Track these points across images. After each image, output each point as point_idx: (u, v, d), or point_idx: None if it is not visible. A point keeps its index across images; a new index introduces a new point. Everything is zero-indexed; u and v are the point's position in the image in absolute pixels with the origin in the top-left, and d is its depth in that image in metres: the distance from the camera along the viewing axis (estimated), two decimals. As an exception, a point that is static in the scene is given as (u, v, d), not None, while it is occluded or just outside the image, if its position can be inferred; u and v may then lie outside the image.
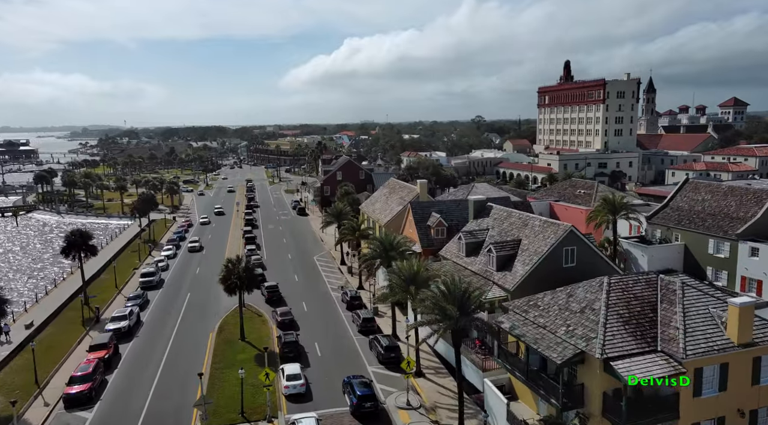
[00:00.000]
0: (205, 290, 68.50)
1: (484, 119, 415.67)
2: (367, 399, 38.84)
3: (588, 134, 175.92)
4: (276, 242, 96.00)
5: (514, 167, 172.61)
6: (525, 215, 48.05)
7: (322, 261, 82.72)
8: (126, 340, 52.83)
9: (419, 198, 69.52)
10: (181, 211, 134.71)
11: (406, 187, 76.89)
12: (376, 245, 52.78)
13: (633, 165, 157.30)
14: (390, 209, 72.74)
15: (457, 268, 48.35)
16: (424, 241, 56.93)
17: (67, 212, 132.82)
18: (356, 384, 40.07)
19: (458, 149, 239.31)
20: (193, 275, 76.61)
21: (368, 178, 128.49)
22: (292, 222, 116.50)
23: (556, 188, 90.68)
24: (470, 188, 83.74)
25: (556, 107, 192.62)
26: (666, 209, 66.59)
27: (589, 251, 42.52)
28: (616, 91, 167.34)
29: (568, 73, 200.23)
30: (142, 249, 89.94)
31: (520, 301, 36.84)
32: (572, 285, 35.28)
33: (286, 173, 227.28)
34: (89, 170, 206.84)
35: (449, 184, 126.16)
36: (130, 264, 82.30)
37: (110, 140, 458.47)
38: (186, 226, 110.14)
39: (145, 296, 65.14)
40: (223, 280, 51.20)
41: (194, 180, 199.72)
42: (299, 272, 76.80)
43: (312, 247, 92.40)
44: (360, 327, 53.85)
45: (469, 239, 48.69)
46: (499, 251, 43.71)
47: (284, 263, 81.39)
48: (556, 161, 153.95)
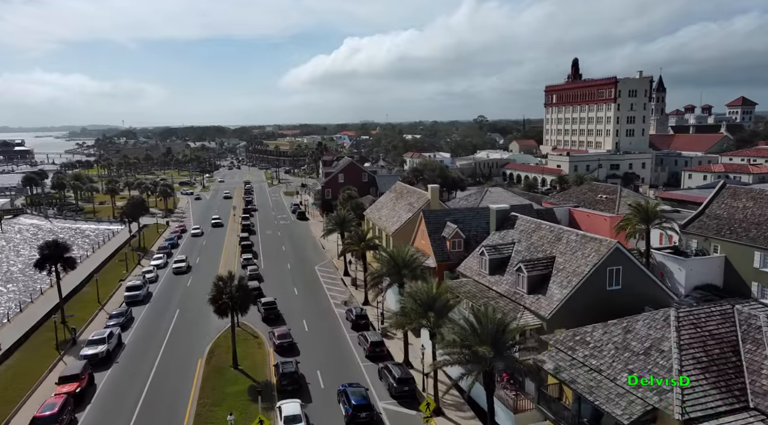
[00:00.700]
0: (195, 306, 62.34)
1: (486, 119, 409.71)
2: (363, 408, 36.70)
3: (598, 135, 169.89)
4: (274, 250, 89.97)
5: (521, 169, 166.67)
6: (557, 227, 42.05)
7: (323, 271, 76.71)
8: (103, 368, 46.78)
9: (430, 205, 63.52)
10: (175, 215, 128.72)
11: (414, 192, 70.86)
12: (386, 260, 46.75)
13: (646, 166, 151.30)
14: (398, 217, 66.72)
15: (480, 288, 42.37)
16: (439, 254, 50.91)
17: (56, 216, 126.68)
18: (351, 392, 38.03)
19: (462, 149, 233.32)
20: (184, 287, 70.53)
21: (371, 180, 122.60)
22: (292, 227, 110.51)
23: (575, 192, 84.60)
24: (483, 194, 77.85)
25: (564, 106, 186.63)
26: (702, 218, 60.57)
27: (636, 272, 36.53)
28: (628, 89, 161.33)
29: (576, 71, 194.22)
30: (131, 258, 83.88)
31: (564, 335, 30.83)
32: (629, 318, 29.27)
33: (285, 175, 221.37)
34: (81, 171, 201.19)
35: (456, 186, 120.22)
36: (117, 275, 76.25)
37: (107, 140, 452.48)
38: (179, 231, 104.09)
39: (129, 314, 59.06)
40: (213, 300, 45.14)
41: (190, 182, 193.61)
42: (299, 284, 70.78)
43: (312, 255, 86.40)
44: (368, 352, 47.80)
45: (494, 254, 42.68)
46: (531, 271, 37.69)
47: (283, 274, 75.36)
48: (566, 163, 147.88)
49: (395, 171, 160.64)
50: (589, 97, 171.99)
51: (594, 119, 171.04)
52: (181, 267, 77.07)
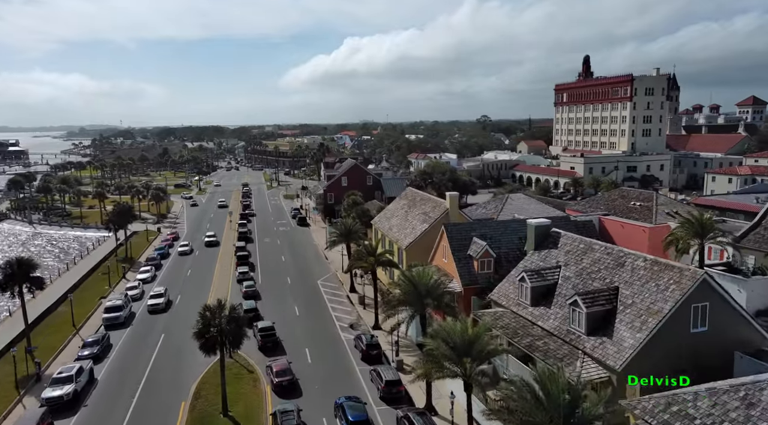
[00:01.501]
0: (183, 330, 54.77)
1: (489, 119, 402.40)
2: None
3: (612, 135, 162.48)
4: (273, 261, 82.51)
5: (531, 171, 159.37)
6: (615, 249, 34.62)
7: (327, 287, 69.27)
8: (68, 413, 39.34)
9: (449, 215, 56.15)
10: (168, 220, 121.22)
11: (429, 200, 63.43)
12: (405, 285, 39.28)
13: (665, 168, 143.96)
14: (412, 228, 59.26)
15: (520, 322, 34.96)
16: (465, 277, 43.50)
17: (41, 222, 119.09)
18: (348, 407, 35.99)
19: (467, 150, 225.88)
20: (173, 307, 63.09)
21: (377, 184, 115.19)
22: (292, 234, 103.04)
23: (602, 198, 77.09)
24: (503, 201, 70.39)
25: (575, 105, 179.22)
26: (758, 230, 53.31)
27: (727, 309, 29.17)
28: (645, 87, 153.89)
29: (587, 69, 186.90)
30: (116, 270, 76.34)
31: (653, 402, 23.36)
32: (747, 382, 21.83)
33: (285, 176, 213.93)
34: (72, 173, 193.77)
35: (467, 191, 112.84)
36: (98, 291, 68.76)
37: (104, 140, 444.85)
38: (171, 239, 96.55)
39: (106, 340, 51.60)
40: (198, 335, 37.68)
41: (186, 184, 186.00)
42: (300, 302, 63.32)
43: (315, 267, 78.95)
44: (382, 393, 40.34)
45: (537, 281, 35.29)
46: (591, 306, 30.27)
47: (282, 290, 67.88)
48: (580, 164, 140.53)
49: (401, 173, 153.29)
50: (603, 96, 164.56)
51: (608, 119, 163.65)
52: (158, 304, 60.82)
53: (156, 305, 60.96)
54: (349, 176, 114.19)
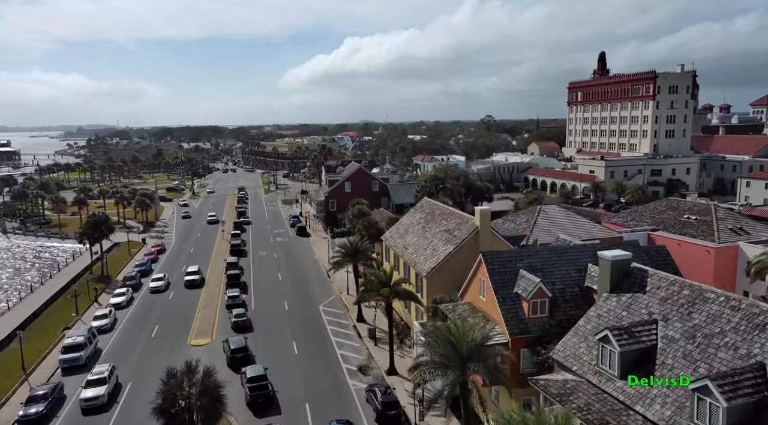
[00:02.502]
0: (156, 373, 45.05)
1: (493, 119, 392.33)
2: None
3: (633, 136, 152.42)
4: (269, 280, 72.53)
5: (546, 174, 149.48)
6: (743, 301, 24.56)
7: (330, 314, 59.32)
8: None
9: (478, 235, 46.20)
10: (156, 228, 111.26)
11: (451, 214, 53.36)
12: (441, 342, 29.19)
13: (691, 172, 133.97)
14: (433, 250, 49.23)
15: (605, 402, 24.97)
16: (513, 322, 33.45)
17: (15, 231, 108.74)
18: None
19: (474, 151, 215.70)
20: (146, 341, 53.13)
21: (383, 190, 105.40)
22: (291, 246, 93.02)
23: (647, 210, 67.06)
24: (535, 215, 60.59)
25: (591, 104, 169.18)
26: None
27: None
28: (668, 85, 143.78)
29: (603, 66, 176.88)
30: (87, 291, 66.30)
31: None
32: None
33: (284, 179, 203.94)
34: (59, 175, 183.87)
35: (482, 197, 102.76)
36: (63, 319, 58.85)
37: (99, 140, 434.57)
38: (155, 253, 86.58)
39: (58, 392, 41.61)
40: (159, 411, 27.69)
41: (179, 188, 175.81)
42: (299, 335, 53.35)
43: (316, 288, 68.99)
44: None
45: (628, 343, 25.27)
46: (733, 397, 20.24)
47: (278, 320, 57.88)
48: (601, 168, 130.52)
49: (407, 177, 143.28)
50: (622, 94, 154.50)
51: (627, 119, 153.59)
52: (96, 399, 39.69)
53: (92, 399, 39.58)
54: (353, 181, 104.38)
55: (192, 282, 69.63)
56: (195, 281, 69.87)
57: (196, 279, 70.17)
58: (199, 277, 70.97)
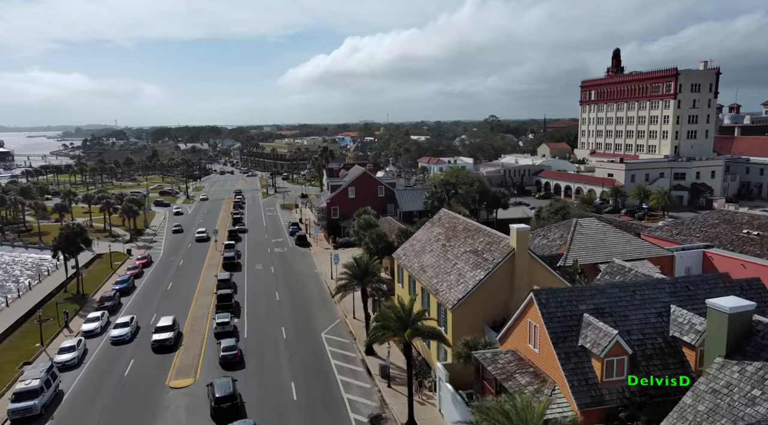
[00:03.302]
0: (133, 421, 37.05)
1: (498, 119, 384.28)
2: None
3: (651, 137, 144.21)
4: (265, 301, 64.40)
5: (559, 177, 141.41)
6: None
7: (335, 344, 51.23)
8: None
9: (515, 259, 38.16)
10: (145, 237, 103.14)
11: (478, 231, 45.21)
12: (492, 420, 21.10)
13: (716, 176, 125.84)
14: (458, 275, 41.11)
15: None
16: (582, 390, 25.27)
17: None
18: None
19: (481, 153, 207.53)
20: (118, 380, 45.03)
21: (389, 196, 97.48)
22: (290, 258, 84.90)
23: (696, 222, 58.91)
24: (571, 231, 52.43)
25: (606, 103, 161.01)
26: None
27: None
28: (690, 83, 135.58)
29: (617, 63, 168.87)
30: (57, 314, 58.16)
31: None
32: None
33: (283, 181, 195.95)
34: (47, 178, 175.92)
35: (497, 204, 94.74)
36: (25, 351, 50.72)
37: (95, 140, 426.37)
38: (140, 266, 78.50)
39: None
40: None
41: (173, 191, 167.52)
42: (299, 373, 45.23)
43: (318, 309, 60.88)
44: None
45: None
46: None
47: (275, 352, 49.69)
48: (621, 171, 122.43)
49: (414, 181, 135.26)
50: (640, 93, 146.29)
51: (646, 119, 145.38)
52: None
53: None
54: (357, 187, 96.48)
55: (161, 343, 49.91)
56: (166, 342, 50.08)
57: (168, 337, 50.31)
58: (170, 336, 50.59)
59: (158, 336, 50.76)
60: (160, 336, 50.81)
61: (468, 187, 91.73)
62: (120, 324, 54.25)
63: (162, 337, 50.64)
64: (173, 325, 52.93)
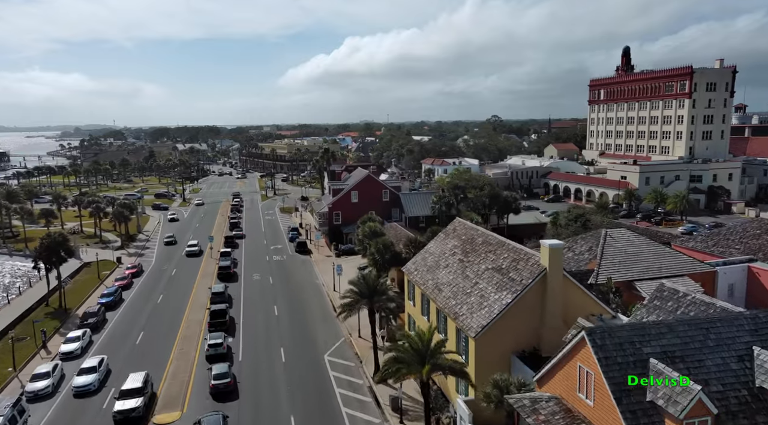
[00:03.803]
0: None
1: (500, 119, 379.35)
2: None
3: (665, 137, 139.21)
4: (262, 316, 59.34)
5: (569, 180, 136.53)
6: None
7: (339, 368, 46.22)
8: None
9: (547, 280, 33.15)
10: (137, 243, 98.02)
11: (501, 245, 40.13)
12: None
13: (733, 178, 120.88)
14: (480, 297, 36.06)
15: None
16: (654, 457, 20.22)
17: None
18: None
19: (485, 153, 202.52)
20: (97, 412, 39.92)
21: (394, 200, 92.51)
22: (290, 267, 79.88)
23: (733, 232, 53.86)
24: (601, 244, 47.38)
25: (616, 103, 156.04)
26: None
27: None
28: (706, 82, 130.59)
29: (627, 61, 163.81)
30: (34, 333, 53.12)
31: None
32: None
33: (282, 183, 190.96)
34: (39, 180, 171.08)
35: (508, 209, 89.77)
36: None
37: (93, 141, 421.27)
38: (129, 277, 73.47)
39: None
40: None
41: (168, 194, 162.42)
42: (299, 406, 40.19)
43: (320, 327, 55.88)
44: None
45: None
46: None
47: (272, 380, 44.60)
48: (635, 174, 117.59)
49: (419, 184, 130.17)
50: (653, 92, 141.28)
51: (658, 119, 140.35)
52: None
53: None
54: (360, 191, 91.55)
55: (126, 415, 37.29)
56: (133, 413, 37.35)
57: (134, 408, 37.52)
58: (138, 404, 37.85)
59: (122, 405, 37.57)
60: (125, 403, 37.73)
61: (478, 191, 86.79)
62: (85, 370, 43.22)
63: (127, 407, 37.39)
64: (144, 387, 39.53)
